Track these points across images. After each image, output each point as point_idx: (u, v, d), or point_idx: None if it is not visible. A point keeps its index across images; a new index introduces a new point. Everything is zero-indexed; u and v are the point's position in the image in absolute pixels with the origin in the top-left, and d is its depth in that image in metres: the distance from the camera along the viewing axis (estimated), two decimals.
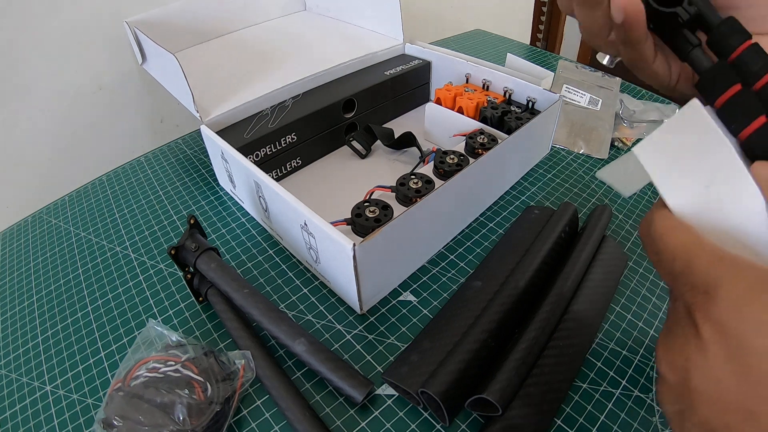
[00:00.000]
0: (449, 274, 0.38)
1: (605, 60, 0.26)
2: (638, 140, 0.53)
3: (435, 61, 0.56)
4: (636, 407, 0.29)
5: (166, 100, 0.66)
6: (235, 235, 0.43)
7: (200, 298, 0.36)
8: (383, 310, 0.35)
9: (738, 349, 0.15)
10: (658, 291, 0.36)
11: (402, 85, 0.55)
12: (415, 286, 0.37)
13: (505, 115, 0.45)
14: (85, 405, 0.31)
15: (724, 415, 0.16)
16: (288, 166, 0.47)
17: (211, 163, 0.48)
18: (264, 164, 0.44)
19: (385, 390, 0.30)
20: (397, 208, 0.37)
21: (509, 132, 0.43)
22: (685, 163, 0.20)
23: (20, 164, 0.58)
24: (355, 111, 0.50)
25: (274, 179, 0.37)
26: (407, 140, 0.48)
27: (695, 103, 0.19)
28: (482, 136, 0.42)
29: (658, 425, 0.28)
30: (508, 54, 0.54)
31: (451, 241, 0.41)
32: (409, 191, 0.37)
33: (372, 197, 0.37)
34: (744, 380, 0.15)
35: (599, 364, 0.31)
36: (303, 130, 0.46)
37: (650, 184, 0.21)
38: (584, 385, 0.30)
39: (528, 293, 0.33)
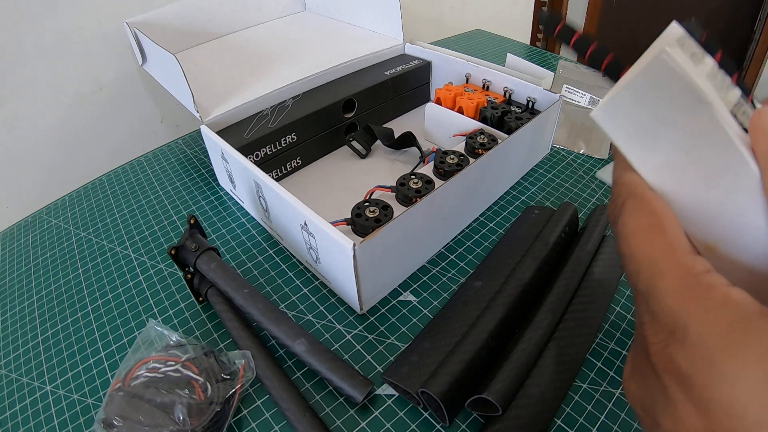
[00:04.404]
0: (449, 274, 0.38)
1: None
2: None
3: (435, 61, 0.56)
4: None
5: (166, 100, 0.66)
6: (235, 235, 0.43)
7: (200, 298, 0.36)
8: (383, 310, 0.35)
9: (709, 409, 0.13)
10: None
11: (402, 85, 0.55)
12: (415, 286, 0.37)
13: (505, 115, 0.45)
14: (85, 405, 0.31)
15: None
16: (288, 166, 0.47)
17: (211, 163, 0.48)
18: (264, 164, 0.44)
19: (385, 390, 0.30)
20: (397, 208, 0.37)
21: (509, 132, 0.43)
22: (658, 125, 0.16)
23: (20, 164, 0.58)
24: (355, 111, 0.50)
25: (274, 179, 0.37)
26: (407, 140, 0.48)
27: (666, 54, 0.15)
28: (482, 136, 0.42)
29: None
30: (508, 54, 0.54)
31: (451, 241, 0.41)
32: (409, 191, 0.37)
33: (372, 197, 0.37)
34: None
35: (599, 364, 0.31)
36: (303, 130, 0.46)
37: None
38: (584, 385, 0.30)
39: (528, 293, 0.33)
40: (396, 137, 0.49)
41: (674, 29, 0.16)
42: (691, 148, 0.16)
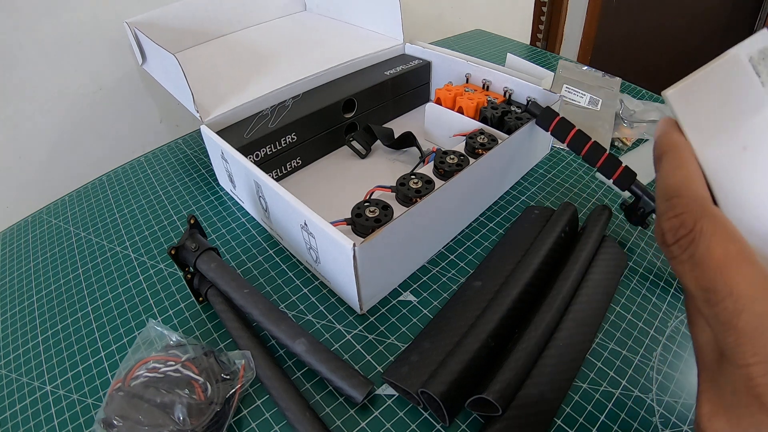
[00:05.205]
0: (449, 274, 0.38)
1: None
2: (639, 140, 0.53)
3: (435, 61, 0.56)
4: (636, 407, 0.29)
5: (166, 100, 0.66)
6: (235, 235, 0.43)
7: (200, 298, 0.36)
8: (383, 310, 0.35)
9: None
10: (658, 291, 0.36)
11: (402, 85, 0.55)
12: (415, 286, 0.37)
13: (505, 115, 0.45)
14: (85, 405, 0.31)
15: None
16: (288, 166, 0.47)
17: (211, 163, 0.48)
18: (264, 164, 0.44)
19: (385, 390, 0.30)
20: (397, 208, 0.37)
21: (509, 132, 0.43)
22: (721, 118, 0.17)
23: (20, 164, 0.58)
24: (355, 111, 0.50)
25: (274, 179, 0.37)
26: (407, 140, 0.48)
27: (737, 56, 0.17)
28: (482, 136, 0.42)
29: (658, 425, 0.28)
30: (508, 54, 0.54)
31: (451, 241, 0.41)
32: (409, 191, 0.37)
33: (372, 197, 0.37)
34: None
35: (599, 364, 0.31)
36: (303, 130, 0.46)
37: (649, 184, 0.20)
38: (584, 385, 0.30)
39: (528, 293, 0.33)
40: (396, 137, 0.49)
41: (764, 36, 0.17)
42: (748, 144, 0.17)
